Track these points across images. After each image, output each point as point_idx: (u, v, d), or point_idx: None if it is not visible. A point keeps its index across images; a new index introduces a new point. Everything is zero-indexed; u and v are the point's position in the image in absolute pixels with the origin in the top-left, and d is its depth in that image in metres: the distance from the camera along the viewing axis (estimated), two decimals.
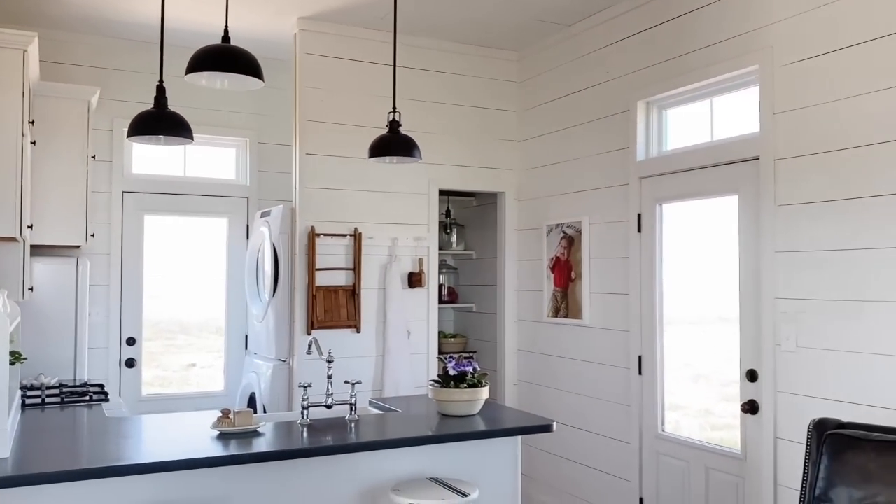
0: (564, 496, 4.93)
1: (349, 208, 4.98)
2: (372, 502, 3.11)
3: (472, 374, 3.47)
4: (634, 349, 4.35)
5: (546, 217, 5.15)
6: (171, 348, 5.59)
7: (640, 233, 4.34)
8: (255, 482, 2.90)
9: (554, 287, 5.02)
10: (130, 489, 2.70)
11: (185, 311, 5.62)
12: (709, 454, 3.89)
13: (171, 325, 5.56)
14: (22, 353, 3.34)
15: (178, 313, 5.59)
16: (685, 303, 4.22)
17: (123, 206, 5.24)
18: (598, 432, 4.63)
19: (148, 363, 5.38)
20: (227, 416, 3.02)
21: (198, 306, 5.65)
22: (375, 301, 5.07)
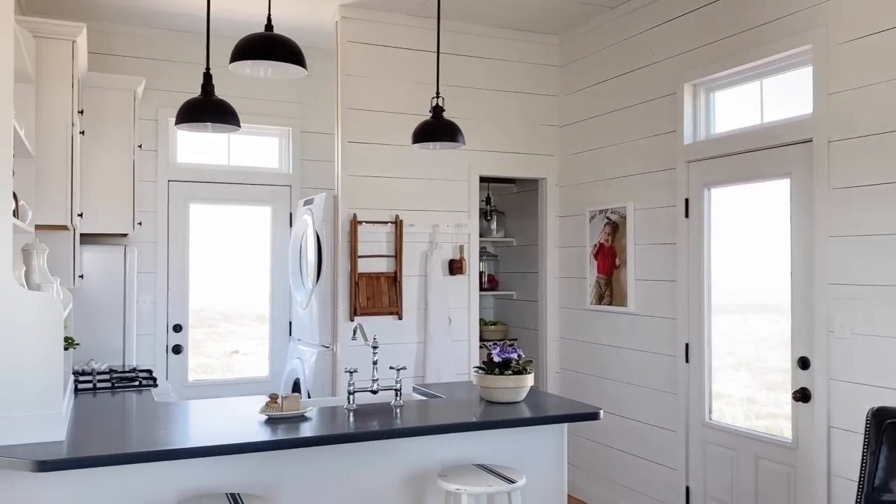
0: (609, 485, 4.89)
1: (390, 195, 4.98)
2: (417, 487, 3.12)
3: (516, 360, 3.44)
4: (681, 337, 4.28)
5: (589, 203, 5.08)
6: (214, 335, 5.67)
7: (687, 218, 4.26)
8: (302, 466, 2.92)
9: (597, 274, 4.96)
10: (181, 473, 2.74)
11: (228, 298, 5.68)
12: (758, 443, 3.82)
13: (213, 313, 5.63)
14: (74, 338, 3.41)
15: (220, 301, 5.65)
16: (733, 289, 4.14)
17: (169, 194, 5.31)
18: (644, 420, 4.58)
19: (192, 350, 5.46)
20: (274, 401, 3.04)
21: (241, 294, 5.71)
22: (417, 288, 5.06)
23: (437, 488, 3.14)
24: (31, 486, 2.56)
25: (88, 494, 2.63)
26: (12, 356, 2.55)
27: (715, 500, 4.07)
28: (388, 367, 3.61)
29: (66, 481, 2.61)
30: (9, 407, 2.54)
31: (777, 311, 3.88)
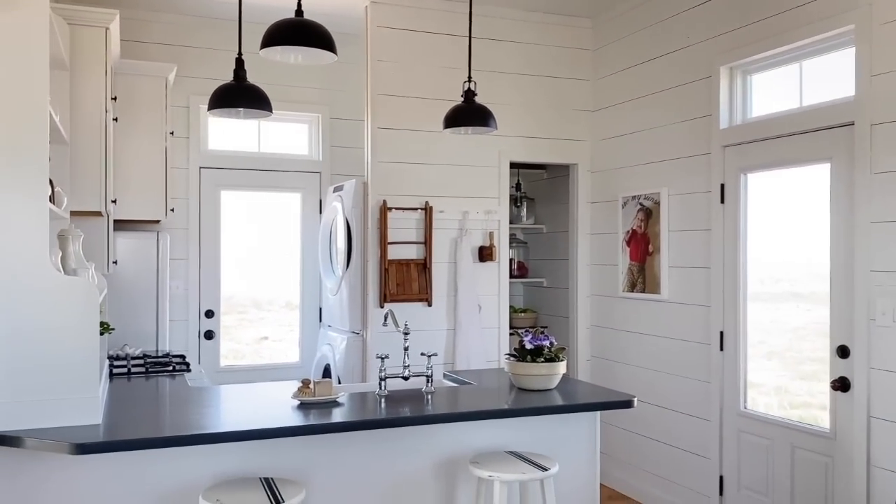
0: (641, 474, 4.85)
1: (420, 182, 4.96)
2: (449, 474, 3.11)
3: (548, 347, 3.41)
4: (716, 324, 4.21)
5: (621, 189, 5.02)
6: (244, 322, 5.71)
7: (722, 204, 4.18)
8: (334, 452, 2.93)
9: (630, 261, 4.90)
10: (215, 456, 2.76)
11: (258, 285, 5.71)
12: (794, 432, 3.75)
13: (243, 299, 5.67)
14: (109, 323, 3.44)
15: (250, 288, 5.68)
16: (765, 277, 4.06)
17: (201, 181, 5.34)
18: (676, 409, 4.52)
19: (223, 336, 5.50)
20: (307, 386, 3.05)
21: (271, 281, 5.74)
22: (446, 275, 5.04)
23: (469, 475, 3.13)
24: (68, 469, 2.60)
25: (124, 477, 2.66)
26: (50, 341, 2.57)
27: (749, 490, 4.01)
28: (420, 353, 3.60)
29: (103, 464, 2.64)
30: (47, 391, 2.57)
31: (811, 300, 3.81)
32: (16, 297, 2.54)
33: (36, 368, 2.56)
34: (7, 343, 2.52)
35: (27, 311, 2.55)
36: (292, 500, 2.48)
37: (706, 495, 4.29)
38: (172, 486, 2.71)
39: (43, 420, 2.57)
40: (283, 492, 2.56)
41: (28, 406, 2.55)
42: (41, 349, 2.57)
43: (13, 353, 2.53)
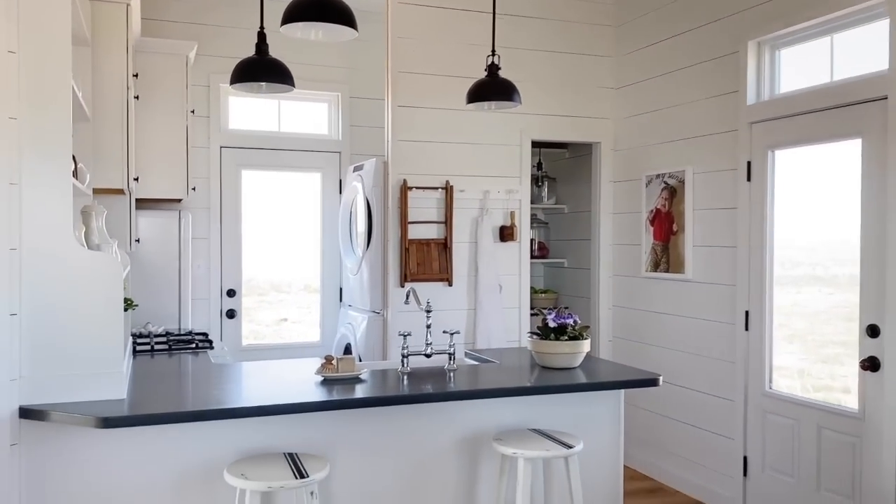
0: (664, 454, 4.82)
1: (441, 161, 4.92)
2: (472, 451, 3.09)
3: (572, 326, 3.38)
4: (741, 304, 4.15)
5: (645, 167, 4.95)
6: (263, 304, 5.72)
7: (749, 182, 4.11)
8: (358, 428, 2.92)
9: (653, 240, 4.85)
10: (239, 431, 2.76)
11: (278, 268, 5.71)
12: (821, 412, 3.70)
13: (262, 282, 5.67)
14: (133, 300, 3.45)
15: (270, 271, 5.68)
16: (790, 259, 3.99)
17: (221, 161, 5.34)
18: (700, 389, 4.48)
19: (244, 317, 5.51)
20: (330, 363, 3.04)
21: (290, 262, 5.73)
22: (467, 254, 5.02)
23: (492, 452, 3.11)
24: (93, 443, 2.61)
25: (149, 451, 2.67)
26: (74, 316, 2.58)
27: (773, 471, 3.97)
28: (442, 331, 3.58)
29: (128, 438, 2.65)
30: (72, 365, 2.58)
31: (833, 284, 3.77)
32: (40, 273, 2.54)
33: (61, 343, 2.57)
34: (32, 318, 2.53)
35: (51, 286, 2.56)
36: (316, 474, 2.48)
37: (730, 476, 4.25)
38: (197, 460, 2.72)
39: (68, 395, 2.58)
40: (308, 466, 2.55)
41: (53, 381, 2.56)
42: (66, 324, 2.57)
43: (38, 329, 2.54)
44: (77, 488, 2.59)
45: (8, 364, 2.47)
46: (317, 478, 2.47)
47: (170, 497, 2.69)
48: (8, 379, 2.47)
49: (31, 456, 2.55)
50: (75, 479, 2.59)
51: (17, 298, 2.51)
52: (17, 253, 2.51)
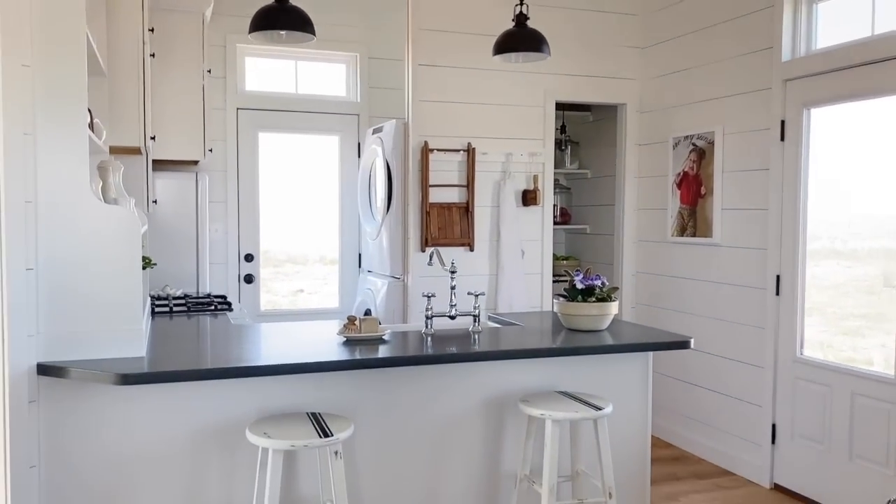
0: (689, 423, 4.74)
1: (462, 122, 4.80)
2: (497, 413, 3.02)
3: (600, 287, 3.28)
4: (772, 268, 4.03)
5: (672, 129, 4.81)
6: (279, 275, 5.66)
7: (782, 141, 3.97)
8: (381, 389, 2.86)
9: (680, 204, 4.72)
10: (260, 391, 2.70)
11: (295, 236, 5.63)
12: (855, 378, 3.59)
13: (279, 253, 5.60)
14: (151, 258, 3.39)
15: (287, 241, 5.60)
16: (830, 216, 3.86)
17: (238, 122, 5.25)
18: (728, 356, 4.38)
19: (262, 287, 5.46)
20: (353, 323, 2.97)
21: (308, 229, 5.65)
22: (489, 219, 4.92)
23: (518, 415, 3.04)
24: (114, 400, 2.56)
25: (169, 409, 2.61)
26: (92, 271, 2.51)
27: (803, 438, 3.88)
28: (466, 292, 3.49)
29: (148, 396, 2.59)
30: (90, 322, 2.52)
31: (852, 258, 3.67)
32: (57, 227, 2.47)
33: (78, 299, 2.51)
34: (50, 273, 2.47)
35: (69, 241, 2.49)
36: (341, 433, 2.41)
37: (757, 444, 4.17)
38: (218, 419, 2.66)
39: (86, 352, 2.52)
40: (332, 426, 2.49)
41: (71, 337, 2.51)
42: (83, 280, 2.51)
43: (55, 284, 2.48)
44: (96, 446, 2.54)
45: (25, 320, 2.41)
46: (341, 437, 2.40)
47: (190, 456, 2.64)
48: (25, 335, 2.41)
49: (49, 413, 2.50)
50: (94, 437, 2.54)
51: (33, 253, 2.44)
52: (33, 206, 2.44)
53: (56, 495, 2.51)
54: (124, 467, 2.58)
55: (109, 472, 2.56)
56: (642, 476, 3.28)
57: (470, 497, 3.01)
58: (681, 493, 4.02)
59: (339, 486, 2.41)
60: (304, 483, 2.77)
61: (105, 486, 2.56)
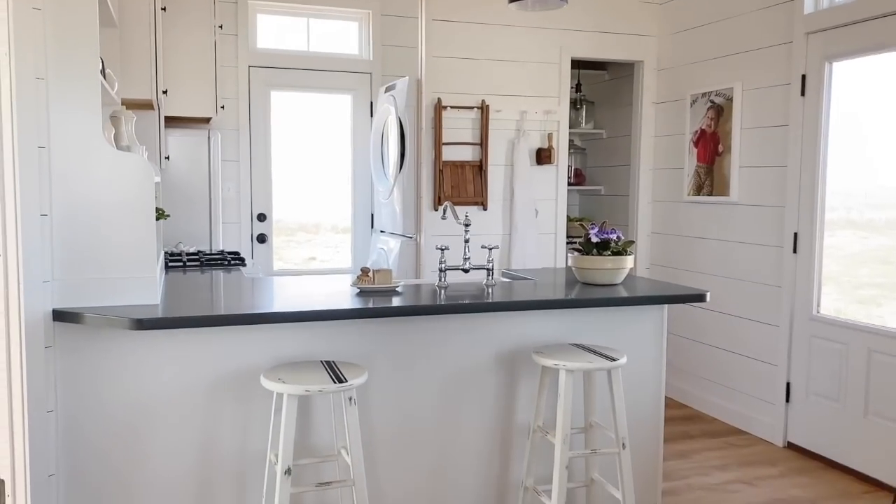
0: (702, 382, 4.73)
1: (476, 79, 4.74)
2: (510, 365, 3.02)
3: (615, 241, 3.25)
4: (790, 226, 3.99)
5: (690, 86, 4.73)
6: (292, 243, 5.64)
7: (803, 96, 3.90)
8: (395, 339, 2.85)
9: (697, 163, 4.66)
10: (274, 339, 2.70)
11: (308, 202, 5.58)
12: (873, 335, 3.56)
13: (291, 222, 5.57)
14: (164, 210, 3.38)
15: (299, 209, 5.55)
16: (847, 187, 3.80)
17: (250, 80, 5.21)
18: (743, 315, 4.35)
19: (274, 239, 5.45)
20: (366, 275, 2.96)
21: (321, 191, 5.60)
22: (502, 178, 4.88)
23: (531, 367, 3.04)
24: (128, 346, 2.57)
25: (183, 355, 2.62)
26: (106, 218, 2.51)
27: (818, 396, 3.86)
28: (480, 246, 3.47)
29: (162, 341, 2.60)
30: (105, 269, 2.53)
31: (868, 228, 3.61)
32: (71, 174, 2.46)
33: (92, 246, 2.51)
34: (63, 220, 2.47)
35: (82, 187, 2.48)
36: (355, 380, 2.41)
37: (771, 402, 4.16)
38: (233, 366, 2.67)
39: (101, 299, 2.53)
40: (346, 373, 2.49)
41: (86, 284, 2.51)
42: (97, 226, 2.50)
43: (69, 231, 2.47)
44: (111, 392, 2.56)
45: (40, 266, 2.41)
46: (355, 383, 2.40)
47: (204, 401, 2.65)
48: (40, 281, 2.41)
49: (65, 359, 2.51)
50: (109, 382, 2.55)
51: (47, 199, 2.44)
52: (46, 152, 2.43)
53: (72, 439, 2.54)
54: (140, 413, 2.59)
55: (125, 418, 2.58)
56: (656, 429, 3.27)
57: (483, 447, 3.02)
58: (693, 451, 4.02)
59: (354, 433, 2.42)
60: (318, 431, 2.78)
61: (121, 431, 2.58)
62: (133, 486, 2.60)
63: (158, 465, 2.63)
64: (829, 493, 3.47)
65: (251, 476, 2.73)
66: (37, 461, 2.40)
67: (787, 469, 3.77)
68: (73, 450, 2.54)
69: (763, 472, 3.72)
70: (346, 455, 2.55)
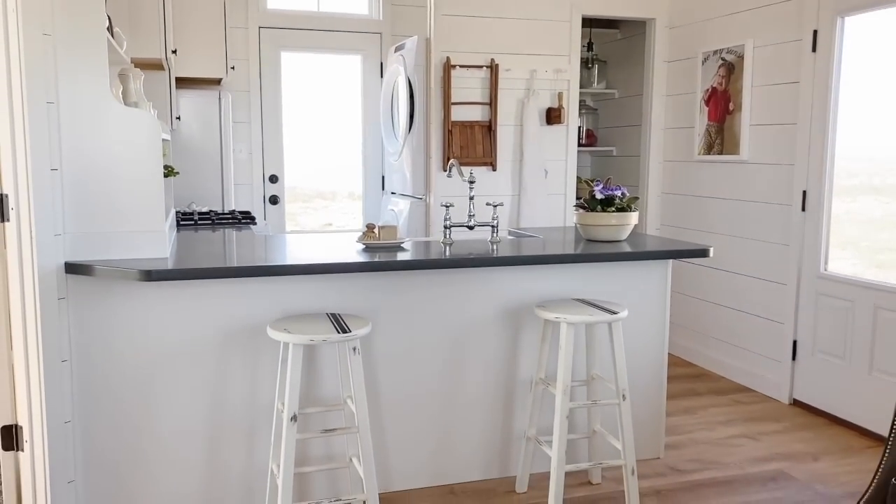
0: (708, 341, 4.75)
1: (486, 38, 4.72)
2: (514, 320, 3.06)
3: (620, 198, 3.26)
4: (799, 184, 3.97)
5: (702, 44, 4.68)
6: (309, 209, 5.68)
7: (814, 52, 3.85)
8: (400, 294, 2.90)
9: (707, 122, 4.63)
10: (281, 292, 2.76)
11: (319, 167, 5.60)
12: (880, 293, 3.56)
13: (308, 190, 5.61)
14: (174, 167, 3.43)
15: (312, 176, 5.57)
16: (861, 129, 3.76)
17: (260, 41, 5.22)
18: (750, 274, 4.36)
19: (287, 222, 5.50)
20: (371, 231, 3.00)
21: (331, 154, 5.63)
22: (512, 138, 4.88)
23: (535, 322, 3.08)
24: (138, 298, 2.63)
25: (192, 306, 2.69)
26: (115, 172, 2.56)
27: (824, 354, 3.88)
28: (486, 203, 3.49)
29: (172, 293, 2.66)
30: (115, 222, 2.58)
31: (888, 193, 3.58)
32: (80, 128, 2.51)
33: (102, 200, 2.56)
34: (73, 174, 2.52)
35: (91, 142, 2.53)
36: (359, 330, 2.47)
37: (777, 360, 4.18)
38: (240, 318, 2.73)
39: (112, 252, 2.59)
40: (350, 324, 2.54)
41: (97, 237, 2.57)
42: (106, 181, 2.56)
43: (79, 185, 2.53)
44: (123, 342, 2.63)
45: (52, 220, 2.47)
46: (359, 333, 2.45)
47: (213, 353, 2.73)
48: (52, 234, 2.48)
49: (78, 310, 2.58)
50: (121, 333, 2.63)
51: (57, 153, 2.49)
52: (55, 107, 2.48)
53: (87, 388, 2.62)
54: (151, 363, 2.67)
55: (137, 367, 2.66)
56: (659, 383, 3.32)
57: (486, 399, 3.08)
58: (699, 408, 4.06)
59: (358, 381, 2.48)
60: (325, 383, 2.85)
61: (133, 380, 2.66)
62: (145, 433, 2.69)
63: (169, 414, 2.71)
64: (832, 448, 3.50)
65: (259, 426, 2.81)
66: (53, 409, 2.49)
67: (791, 425, 3.80)
68: (87, 398, 2.63)
69: (767, 428, 3.76)
70: (351, 404, 2.62)
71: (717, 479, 3.15)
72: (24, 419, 2.47)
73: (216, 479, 2.79)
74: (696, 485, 3.10)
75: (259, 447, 2.82)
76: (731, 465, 3.29)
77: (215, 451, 2.77)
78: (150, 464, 2.71)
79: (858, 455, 3.42)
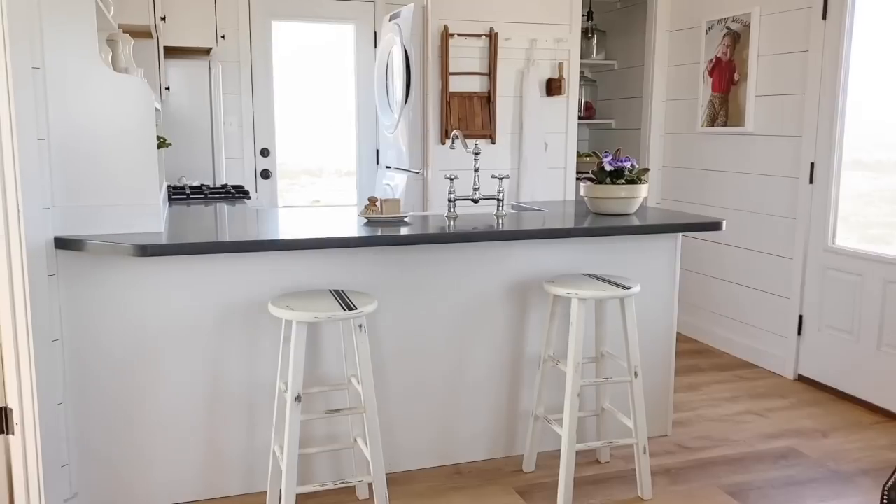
0: (713, 317, 4.69)
1: (485, 5, 4.57)
2: (522, 295, 2.97)
3: (629, 169, 3.16)
4: (806, 156, 3.88)
5: (706, 12, 4.56)
6: (296, 186, 5.55)
7: (824, 20, 3.75)
8: (403, 268, 2.80)
9: (711, 93, 4.52)
10: (282, 269, 2.65)
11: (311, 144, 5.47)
12: (889, 266, 3.49)
13: (294, 167, 5.47)
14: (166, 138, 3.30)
15: (303, 152, 5.44)
16: (871, 101, 3.67)
17: (251, 9, 5.05)
18: (756, 249, 4.28)
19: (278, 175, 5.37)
20: (374, 204, 2.89)
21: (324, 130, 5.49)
22: (511, 109, 4.75)
23: (543, 297, 2.99)
24: (131, 274, 2.52)
25: (188, 283, 2.57)
26: (105, 142, 2.43)
27: (831, 329, 3.82)
28: (490, 175, 3.39)
29: (167, 269, 2.55)
30: (106, 195, 2.46)
31: (877, 169, 3.51)
32: (67, 96, 2.37)
33: (92, 172, 2.44)
34: (61, 144, 2.39)
35: (80, 109, 2.39)
36: (365, 307, 2.37)
37: (783, 336, 4.12)
38: (240, 295, 2.63)
39: (104, 226, 2.47)
40: (355, 301, 2.44)
41: (88, 211, 2.45)
42: (97, 151, 2.43)
43: (68, 155, 2.40)
44: (117, 320, 2.52)
45: (39, 192, 2.34)
46: (365, 310, 2.35)
47: (211, 331, 2.62)
48: (40, 207, 2.35)
49: (69, 287, 2.47)
50: (115, 311, 2.51)
51: (44, 122, 2.36)
52: (41, 72, 2.34)
53: (79, 368, 2.51)
54: (146, 341, 2.56)
55: (132, 346, 2.55)
56: (667, 359, 3.25)
57: (493, 377, 2.99)
58: (702, 384, 4.01)
59: (364, 360, 2.38)
60: (327, 362, 2.75)
61: (127, 360, 2.55)
62: (141, 414, 2.59)
63: (166, 394, 2.61)
64: (840, 424, 3.46)
65: (258, 406, 2.71)
66: (44, 390, 2.38)
67: (798, 401, 3.75)
68: (80, 378, 2.52)
69: (773, 404, 3.71)
70: (356, 383, 2.53)
71: (727, 457, 3.09)
72: (15, 401, 2.36)
73: (215, 461, 2.70)
74: (707, 462, 3.04)
75: (259, 428, 2.73)
76: (740, 443, 3.24)
77: (213, 432, 2.68)
78: (146, 446, 2.61)
79: (868, 430, 3.38)
